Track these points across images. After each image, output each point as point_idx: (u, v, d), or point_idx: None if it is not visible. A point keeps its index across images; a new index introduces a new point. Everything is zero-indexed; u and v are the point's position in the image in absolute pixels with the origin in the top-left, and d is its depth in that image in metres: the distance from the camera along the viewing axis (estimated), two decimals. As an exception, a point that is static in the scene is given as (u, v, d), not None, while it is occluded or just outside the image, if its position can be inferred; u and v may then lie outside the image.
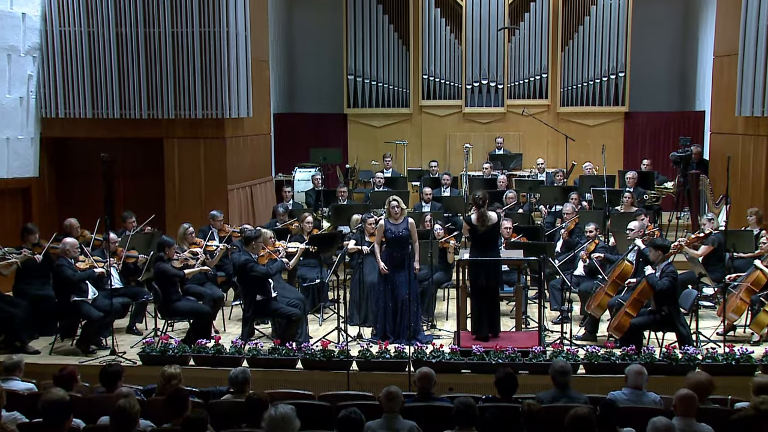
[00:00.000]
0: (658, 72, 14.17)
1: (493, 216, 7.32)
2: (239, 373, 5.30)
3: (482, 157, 13.25)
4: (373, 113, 14.05)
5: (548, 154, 13.53)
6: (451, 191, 11.42)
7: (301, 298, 7.96)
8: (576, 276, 8.34)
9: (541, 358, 6.72)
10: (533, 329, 7.97)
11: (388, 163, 12.55)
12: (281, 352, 6.94)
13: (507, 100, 13.79)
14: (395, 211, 7.67)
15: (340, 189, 10.88)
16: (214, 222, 9.25)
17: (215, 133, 10.55)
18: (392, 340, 7.61)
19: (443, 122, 14.04)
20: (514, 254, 7.88)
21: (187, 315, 7.77)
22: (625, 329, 7.14)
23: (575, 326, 8.02)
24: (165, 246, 7.71)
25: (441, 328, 8.26)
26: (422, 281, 8.31)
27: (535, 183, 11.31)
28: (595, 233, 8.39)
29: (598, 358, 6.70)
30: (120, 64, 10.31)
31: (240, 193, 11.04)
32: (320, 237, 8.80)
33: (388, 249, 7.77)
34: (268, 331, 8.19)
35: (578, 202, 10.14)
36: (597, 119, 13.73)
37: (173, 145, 10.56)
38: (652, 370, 5.90)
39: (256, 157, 11.74)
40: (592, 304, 7.67)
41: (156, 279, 7.69)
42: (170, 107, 10.33)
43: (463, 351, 6.89)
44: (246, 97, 10.76)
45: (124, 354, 7.41)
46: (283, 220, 9.73)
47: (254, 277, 7.47)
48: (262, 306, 7.55)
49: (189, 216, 9.79)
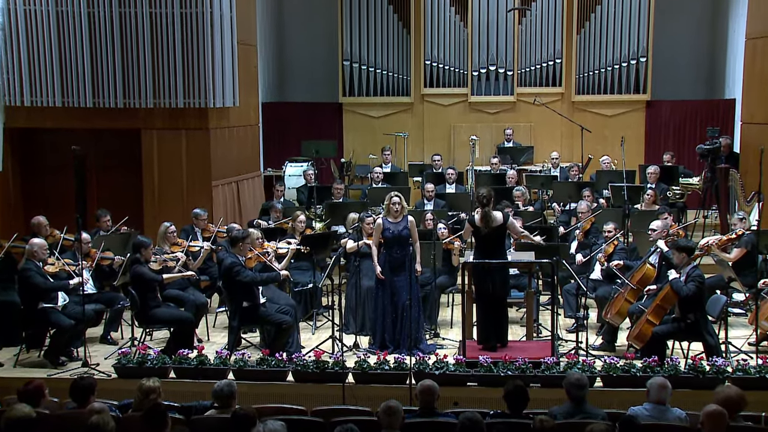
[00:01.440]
0: (683, 56, 14.14)
1: (498, 216, 7.31)
2: (224, 386, 5.29)
3: (490, 151, 13.23)
4: (370, 102, 14.02)
5: (562, 147, 13.51)
6: (456, 187, 11.42)
7: (293, 305, 7.95)
8: (592, 280, 8.33)
9: (554, 370, 6.71)
10: (545, 338, 7.96)
11: (387, 157, 12.55)
12: (270, 363, 6.93)
13: (517, 88, 13.77)
14: (395, 209, 7.66)
15: (335, 185, 10.87)
16: (197, 221, 9.23)
17: (198, 123, 10.53)
18: (392, 349, 7.59)
19: (447, 112, 14.02)
20: (525, 256, 7.86)
21: (167, 323, 7.75)
22: (646, 338, 7.13)
23: (592, 335, 8.01)
24: (141, 247, 7.69)
25: (445, 337, 8.25)
26: (424, 285, 8.29)
27: (547, 179, 11.32)
28: (614, 234, 8.38)
29: (617, 370, 6.69)
30: (92, 47, 10.28)
31: (225, 189, 11.03)
32: (313, 237, 8.78)
33: (386, 250, 7.75)
34: (256, 340, 8.17)
35: (594, 200, 10.13)
36: (615, 109, 13.72)
37: (152, 137, 10.54)
38: (676, 384, 5.89)
39: (242, 151, 11.73)
40: (610, 311, 7.66)
41: (133, 283, 7.67)
42: (148, 95, 10.30)
43: (469, 362, 6.88)
44: (231, 85, 10.75)
45: (97, 366, 7.38)
46: (278, 218, 9.73)
47: (241, 282, 7.45)
48: (250, 313, 7.53)
49: (169, 215, 9.77)
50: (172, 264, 8.02)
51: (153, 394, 5.17)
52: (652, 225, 7.98)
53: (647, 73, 13.50)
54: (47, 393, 5.43)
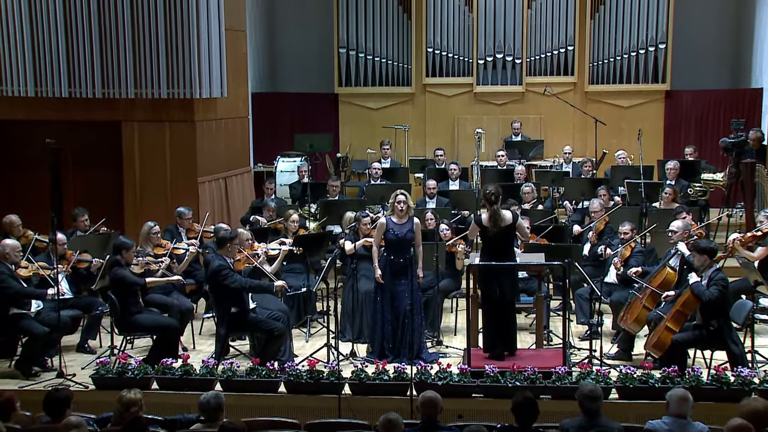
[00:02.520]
0: (705, 42, 14.09)
1: (508, 215, 7.30)
2: (211, 398, 5.27)
3: (497, 145, 13.23)
4: (368, 93, 14.02)
5: (574, 141, 13.50)
6: (460, 184, 11.41)
7: (285, 310, 7.94)
8: (607, 284, 8.32)
9: (566, 381, 6.70)
10: (557, 346, 7.95)
11: (387, 152, 12.54)
12: (261, 373, 6.92)
13: (526, 78, 13.77)
14: (400, 209, 7.65)
15: (331, 182, 10.86)
16: (181, 220, 9.22)
17: (183, 115, 10.52)
18: (391, 358, 7.58)
19: (451, 103, 14.02)
20: (534, 258, 7.85)
21: (150, 330, 7.74)
22: (665, 347, 7.11)
23: (606, 343, 7.99)
24: (122, 248, 7.67)
25: (448, 345, 8.24)
26: (426, 290, 8.28)
27: (558, 175, 11.32)
28: (630, 235, 8.37)
29: (634, 380, 6.68)
30: (68, 31, 10.25)
31: (212, 186, 11.02)
32: (307, 238, 8.77)
33: (387, 252, 7.74)
34: (246, 348, 8.17)
35: (609, 198, 10.12)
36: (632, 99, 13.72)
37: (133, 130, 10.53)
38: (698, 396, 5.87)
39: (231, 145, 11.72)
40: (626, 318, 7.65)
41: (112, 287, 7.65)
42: (129, 85, 10.28)
43: (475, 372, 6.87)
44: (219, 74, 10.74)
45: (73, 376, 7.37)
46: (272, 216, 9.74)
47: (229, 287, 7.44)
48: (239, 319, 7.52)
49: (152, 213, 9.76)
50: (155, 267, 8.00)
51: (134, 407, 5.16)
52: (672, 226, 7.96)
53: (666, 61, 13.49)
54: (19, 406, 5.41)
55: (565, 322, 7.36)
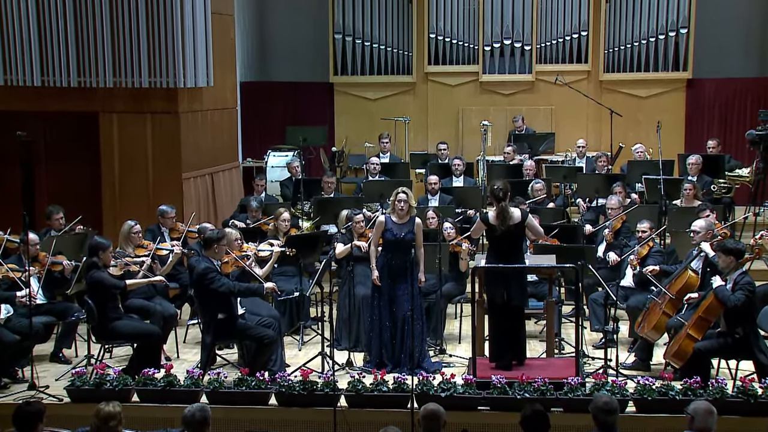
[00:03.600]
0: (731, 27, 14.03)
1: (517, 213, 7.29)
2: (196, 411, 5.27)
3: (504, 138, 13.23)
4: (366, 82, 14.01)
5: (588, 134, 13.50)
6: (465, 181, 11.40)
7: (276, 316, 7.94)
8: (623, 288, 8.31)
9: (579, 392, 6.70)
10: (569, 355, 7.95)
11: (386, 146, 12.53)
12: (250, 383, 6.92)
13: (536, 66, 13.76)
14: (400, 208, 7.64)
15: (325, 178, 10.85)
16: (164, 219, 9.21)
17: (166, 106, 10.51)
18: (390, 368, 7.59)
19: (455, 93, 14.01)
20: (545, 260, 7.84)
21: (130, 337, 7.73)
22: (686, 356, 7.11)
23: (623, 352, 8.00)
24: (99, 249, 7.65)
25: (452, 354, 8.24)
26: (428, 294, 8.27)
27: (571, 170, 11.30)
28: (648, 234, 8.36)
29: (653, 392, 6.68)
30: (39, 14, 10.21)
31: (198, 182, 11.02)
32: (300, 239, 8.75)
33: (385, 254, 7.74)
34: (234, 357, 8.17)
35: (626, 195, 10.11)
36: (651, 89, 13.71)
37: (111, 122, 10.51)
38: (723, 409, 5.88)
39: (218, 138, 11.71)
40: (644, 325, 7.64)
41: (90, 291, 7.64)
42: (107, 73, 10.26)
43: (481, 383, 6.87)
44: (205, 62, 10.72)
45: (46, 389, 7.35)
46: (255, 217, 9.71)
47: (216, 291, 7.42)
48: (226, 326, 7.51)
49: (133, 212, 9.75)
50: (135, 268, 7.98)
51: (113, 421, 5.14)
52: (695, 225, 7.94)
53: (688, 47, 13.47)
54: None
55: (578, 329, 7.34)
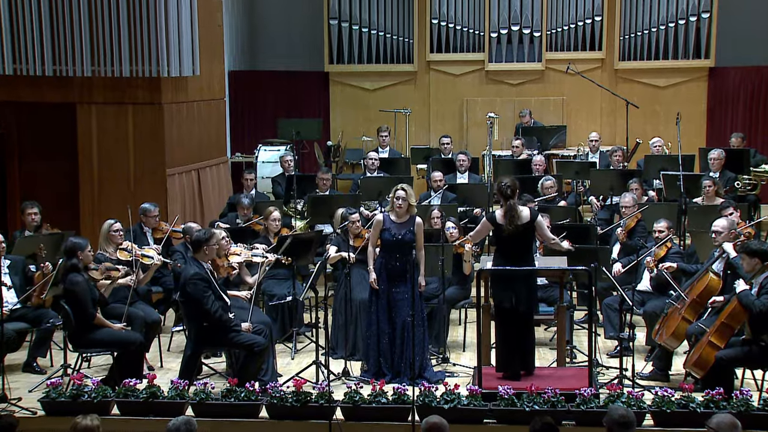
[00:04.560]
0: (756, 11, 14.02)
1: (525, 212, 7.29)
2: (182, 424, 5.25)
3: (511, 132, 13.23)
4: (364, 71, 14.02)
5: (602, 127, 13.52)
6: (469, 177, 11.41)
7: (267, 322, 7.93)
8: (640, 292, 8.30)
9: (592, 404, 6.70)
10: (581, 364, 7.94)
11: (385, 140, 12.54)
12: (239, 395, 6.92)
13: (546, 54, 13.77)
14: (399, 205, 7.63)
15: (320, 175, 10.85)
16: (146, 218, 9.21)
17: (148, 97, 10.51)
18: (389, 378, 7.59)
19: (459, 83, 14.03)
20: (555, 263, 7.84)
21: (110, 345, 7.70)
22: (708, 365, 7.11)
23: (639, 361, 7.99)
24: (76, 249, 7.62)
25: (456, 363, 8.24)
26: (430, 299, 8.27)
27: (583, 166, 11.29)
28: (666, 234, 8.36)
29: (672, 404, 6.67)
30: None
31: (183, 179, 11.02)
32: (293, 240, 8.76)
33: (384, 255, 7.73)
34: (222, 366, 8.15)
35: (642, 192, 10.11)
36: (670, 78, 13.72)
37: (89, 113, 10.51)
38: (748, 423, 5.88)
39: (204, 131, 11.71)
40: (662, 331, 7.64)
41: (66, 296, 7.62)
42: (85, 61, 10.25)
43: (487, 394, 6.87)
44: (190, 49, 10.72)
45: (19, 401, 7.30)
46: (247, 215, 9.72)
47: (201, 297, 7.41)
48: (213, 333, 7.50)
49: (113, 211, 9.72)
50: (116, 274, 7.96)
51: (91, 435, 5.13)
52: (716, 225, 7.93)
53: (711, 33, 13.49)
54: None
55: (592, 337, 7.34)
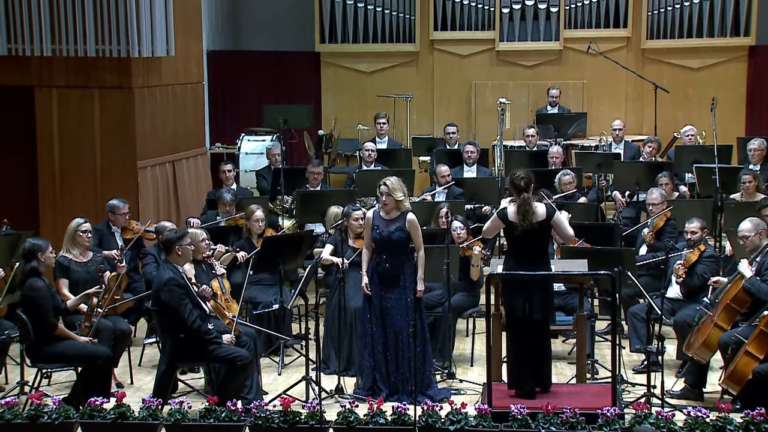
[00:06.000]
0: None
1: (541, 209, 7.28)
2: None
3: (525, 119, 13.22)
4: (360, 52, 14.02)
5: (627, 114, 13.53)
6: (478, 170, 11.41)
7: (251, 334, 7.93)
8: (670, 299, 8.32)
9: (616, 426, 6.66)
10: (604, 381, 7.94)
11: (383, 128, 12.53)
12: (220, 415, 6.86)
13: (564, 31, 13.77)
14: (384, 202, 7.65)
15: (311, 168, 10.84)
16: (115, 216, 9.22)
17: (116, 80, 10.52)
18: (386, 394, 7.59)
19: (467, 65, 14.04)
20: (575, 266, 7.84)
21: (73, 360, 7.69)
22: (745, 379, 7.11)
23: (669, 376, 7.99)
24: (36, 251, 7.61)
25: (463, 379, 8.25)
26: (434, 307, 8.27)
27: (606, 158, 11.29)
28: (700, 235, 8.36)
29: (707, 427, 6.63)
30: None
31: (156, 172, 11.02)
32: (279, 241, 8.75)
33: (376, 257, 7.75)
34: (200, 383, 8.16)
35: (673, 188, 10.10)
36: (704, 58, 13.72)
37: (50, 98, 10.52)
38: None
39: (180, 118, 11.71)
40: (695, 343, 7.64)
41: (24, 304, 7.62)
42: (45, 39, 10.25)
43: (498, 414, 6.84)
44: (164, 26, 10.71)
45: (-28, 421, 7.34)
46: (229, 212, 9.72)
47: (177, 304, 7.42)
48: (191, 346, 7.50)
49: (76, 207, 9.77)
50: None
51: (51, 460, 5.14)
52: (742, 230, 7.91)
53: (751, 7, 13.49)
54: None
55: (615, 350, 7.34)
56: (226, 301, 7.95)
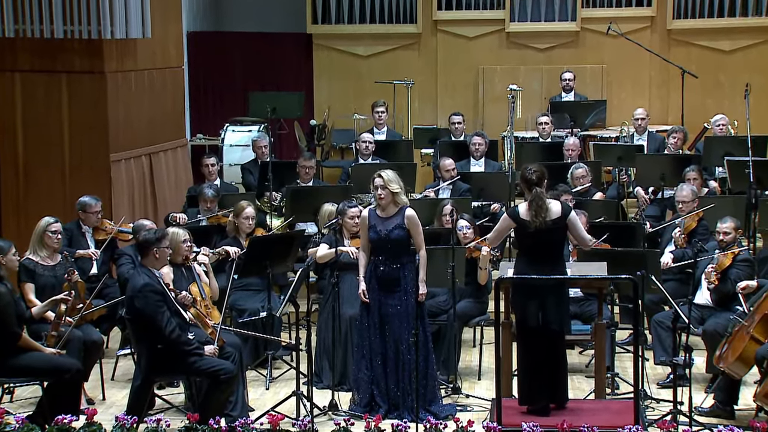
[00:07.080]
0: None
1: (556, 207, 7.28)
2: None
3: (538, 108, 13.24)
4: (355, 33, 14.05)
5: (651, 101, 13.54)
6: (487, 164, 11.41)
7: (237, 344, 7.92)
8: (698, 307, 8.31)
9: (640, 446, 6.69)
10: (625, 397, 7.94)
11: (382, 118, 12.53)
12: (200, 434, 6.91)
13: (582, 10, 13.79)
14: (380, 196, 7.64)
15: (302, 161, 10.84)
16: (86, 215, 9.21)
17: (87, 64, 10.53)
18: (386, 411, 7.58)
19: (473, 48, 14.06)
20: (593, 269, 7.84)
21: (39, 373, 7.68)
22: (782, 396, 7.11)
23: (698, 392, 7.97)
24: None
25: (469, 394, 8.25)
26: (437, 315, 8.26)
27: (628, 150, 11.28)
28: (733, 236, 8.34)
29: (739, 446, 6.67)
30: None
31: (132, 165, 11.03)
32: (268, 242, 8.74)
33: (373, 259, 7.74)
34: (180, 398, 8.16)
35: (702, 183, 10.09)
36: (736, 40, 13.73)
37: (12, 83, 10.54)
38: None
39: (158, 107, 11.71)
40: (727, 356, 7.62)
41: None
42: (7, 18, 10.26)
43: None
44: (140, 5, 10.71)
45: (-72, 442, 7.34)
46: (210, 210, 9.71)
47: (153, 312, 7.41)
48: (169, 357, 7.49)
49: (43, 205, 9.78)
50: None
51: (14, 484, 5.13)
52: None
53: (787, -16, 13.50)
54: None
55: (638, 362, 7.33)
56: (206, 307, 7.92)
